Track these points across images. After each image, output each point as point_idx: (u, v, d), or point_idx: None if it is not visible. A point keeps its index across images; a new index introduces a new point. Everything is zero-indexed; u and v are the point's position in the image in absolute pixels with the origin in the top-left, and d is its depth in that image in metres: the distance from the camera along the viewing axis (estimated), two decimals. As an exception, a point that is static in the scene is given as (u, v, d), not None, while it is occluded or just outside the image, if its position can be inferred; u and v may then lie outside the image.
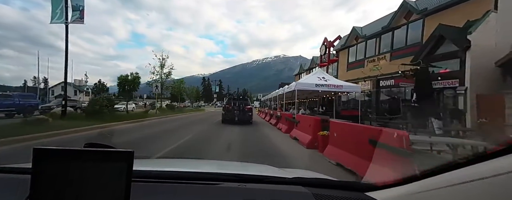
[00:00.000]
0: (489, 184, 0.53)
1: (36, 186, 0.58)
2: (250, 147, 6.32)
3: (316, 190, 0.92)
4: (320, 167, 4.24)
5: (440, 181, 0.65)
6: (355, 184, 1.01)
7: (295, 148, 6.22)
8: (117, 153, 0.62)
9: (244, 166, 1.78)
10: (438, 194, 0.64)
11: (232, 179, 0.99)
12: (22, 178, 0.79)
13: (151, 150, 5.16)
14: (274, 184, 0.99)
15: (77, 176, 0.59)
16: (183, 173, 1.08)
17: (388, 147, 2.82)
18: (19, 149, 4.95)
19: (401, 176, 0.81)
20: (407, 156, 2.53)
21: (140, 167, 0.96)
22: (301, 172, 1.60)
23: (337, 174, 3.70)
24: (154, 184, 0.90)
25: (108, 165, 0.60)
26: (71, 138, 6.64)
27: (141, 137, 7.50)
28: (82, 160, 0.60)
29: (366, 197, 0.87)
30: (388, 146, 2.83)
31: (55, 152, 0.60)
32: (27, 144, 5.35)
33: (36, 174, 0.59)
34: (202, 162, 2.00)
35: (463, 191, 0.59)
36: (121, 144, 3.11)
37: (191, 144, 6.31)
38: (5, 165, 1.04)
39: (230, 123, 11.84)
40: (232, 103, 12.90)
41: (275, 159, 4.66)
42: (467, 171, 0.59)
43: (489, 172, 0.54)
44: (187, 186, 0.92)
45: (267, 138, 7.95)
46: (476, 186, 0.56)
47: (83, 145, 0.69)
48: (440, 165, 0.69)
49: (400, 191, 0.78)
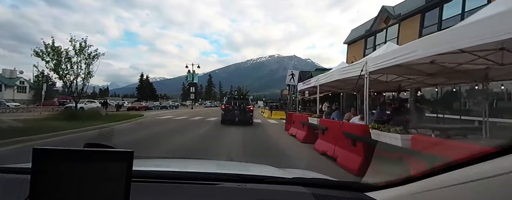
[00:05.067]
0: (489, 184, 0.53)
1: (36, 186, 0.58)
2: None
3: (316, 190, 0.92)
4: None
5: (440, 181, 0.65)
6: (354, 184, 0.99)
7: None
8: (117, 153, 0.62)
9: (244, 166, 1.79)
10: (438, 194, 0.64)
11: (232, 179, 0.99)
12: (22, 178, 0.79)
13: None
14: (274, 184, 0.99)
15: (77, 176, 0.59)
16: (183, 173, 1.08)
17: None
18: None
19: (401, 176, 0.80)
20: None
21: (140, 167, 0.97)
22: (301, 172, 1.58)
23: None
24: (154, 184, 0.90)
25: (108, 165, 0.60)
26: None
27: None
28: (82, 160, 0.60)
29: (366, 197, 0.87)
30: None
31: (55, 152, 0.60)
32: None
33: (36, 174, 0.59)
34: (202, 162, 1.99)
35: (463, 191, 0.58)
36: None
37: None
38: (5, 165, 1.04)
39: (230, 123, 11.43)
40: (232, 102, 12.49)
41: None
42: (467, 171, 0.59)
43: (489, 172, 0.54)
44: (187, 186, 0.91)
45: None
46: (476, 186, 0.55)
47: (82, 145, 0.68)
48: (440, 165, 0.68)
49: (400, 191, 0.77)
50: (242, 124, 11.20)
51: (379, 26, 15.77)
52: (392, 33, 14.77)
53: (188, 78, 40.81)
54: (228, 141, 7.17)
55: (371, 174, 2.31)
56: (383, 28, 15.41)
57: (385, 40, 15.11)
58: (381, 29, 15.73)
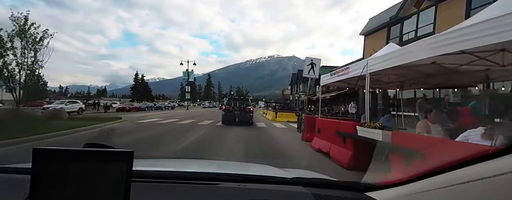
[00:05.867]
0: (489, 184, 0.53)
1: (36, 186, 0.58)
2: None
3: (316, 190, 0.91)
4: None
5: (440, 181, 0.65)
6: (355, 184, 0.97)
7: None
8: (117, 153, 0.62)
9: (244, 166, 1.82)
10: (438, 194, 0.64)
11: (232, 179, 0.99)
12: (22, 178, 0.78)
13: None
14: (274, 184, 0.98)
15: (77, 176, 0.59)
16: (183, 173, 1.08)
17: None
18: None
19: (401, 176, 0.80)
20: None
21: (140, 167, 0.98)
22: (301, 172, 1.57)
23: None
24: (154, 184, 0.89)
25: (108, 165, 0.60)
26: None
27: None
28: (82, 160, 0.60)
29: (366, 197, 0.86)
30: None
31: (55, 152, 0.60)
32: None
33: (36, 174, 0.58)
34: (202, 162, 1.98)
35: (463, 191, 0.58)
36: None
37: None
38: (5, 165, 1.03)
39: (231, 124, 11.38)
40: (232, 103, 12.63)
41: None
42: (467, 171, 0.59)
43: (489, 172, 0.53)
44: (187, 186, 0.91)
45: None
46: (476, 186, 0.55)
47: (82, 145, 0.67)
48: (440, 165, 0.68)
49: (400, 191, 0.77)
50: (242, 124, 10.79)
51: (408, 11, 13.09)
52: (426, 19, 12.10)
53: (183, 77, 37.62)
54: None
55: (371, 174, 2.11)
56: (413, 14, 12.73)
57: (415, 28, 12.57)
58: (409, 15, 13.06)
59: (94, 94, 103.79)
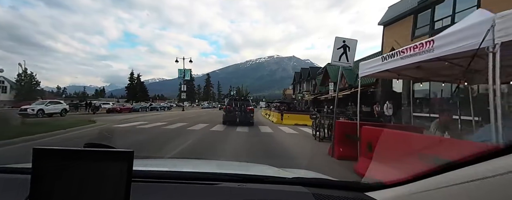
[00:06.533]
0: (489, 184, 0.52)
1: (36, 186, 0.58)
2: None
3: (316, 190, 0.90)
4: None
5: (440, 181, 0.64)
6: (355, 184, 0.97)
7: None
8: (117, 153, 0.61)
9: (244, 166, 1.79)
10: (438, 194, 0.63)
11: (232, 179, 0.98)
12: (22, 178, 0.77)
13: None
14: (274, 184, 0.97)
15: (77, 176, 0.58)
16: (183, 173, 1.07)
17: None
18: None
19: (401, 176, 0.78)
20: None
21: (140, 167, 0.96)
22: (301, 172, 1.55)
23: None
24: (154, 184, 0.88)
25: (108, 165, 0.59)
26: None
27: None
28: (82, 160, 0.59)
29: (366, 197, 0.85)
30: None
31: (55, 152, 0.59)
32: None
33: (36, 174, 0.58)
34: (202, 162, 1.96)
35: (463, 191, 0.58)
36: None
37: None
38: (5, 165, 1.02)
39: (231, 125, 11.43)
40: (233, 103, 12.68)
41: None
42: (467, 171, 0.58)
43: (489, 172, 0.53)
44: (187, 186, 0.90)
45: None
46: (476, 186, 0.55)
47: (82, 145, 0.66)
48: (440, 165, 0.66)
49: (400, 191, 0.76)
50: (243, 129, 10.52)
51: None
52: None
53: (180, 75, 34.83)
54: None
55: (371, 174, 2.38)
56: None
57: (452, 12, 10.34)
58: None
59: (92, 95, 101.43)
